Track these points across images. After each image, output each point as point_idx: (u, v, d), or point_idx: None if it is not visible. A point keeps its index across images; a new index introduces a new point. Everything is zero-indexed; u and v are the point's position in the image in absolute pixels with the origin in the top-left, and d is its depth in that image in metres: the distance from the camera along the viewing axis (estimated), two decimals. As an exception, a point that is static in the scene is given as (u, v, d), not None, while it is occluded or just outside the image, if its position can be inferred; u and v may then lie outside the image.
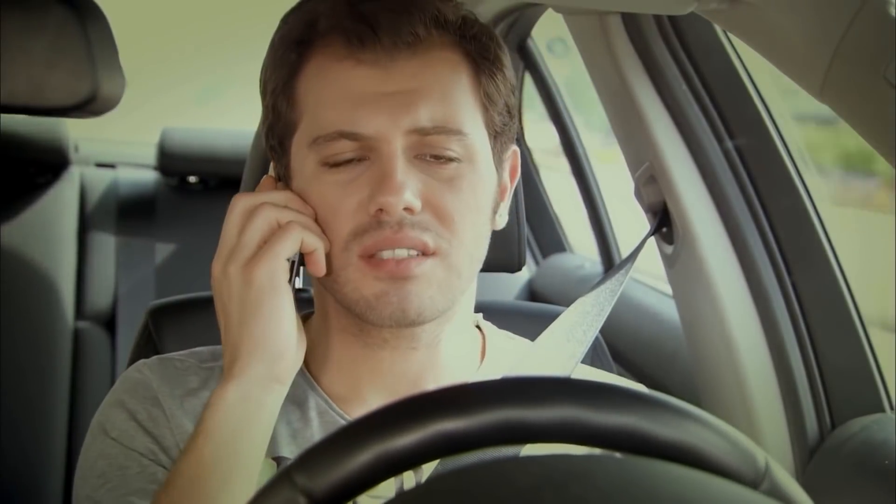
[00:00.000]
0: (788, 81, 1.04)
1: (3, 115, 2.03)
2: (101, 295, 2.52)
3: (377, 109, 0.88)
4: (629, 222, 2.12)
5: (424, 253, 0.89)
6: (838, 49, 0.94)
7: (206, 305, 1.22)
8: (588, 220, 2.39)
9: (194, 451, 0.86)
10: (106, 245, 2.59)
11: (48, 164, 2.57)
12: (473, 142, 0.91)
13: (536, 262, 2.73)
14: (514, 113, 0.97)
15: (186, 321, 1.20)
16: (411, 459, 0.58)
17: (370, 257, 0.89)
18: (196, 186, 2.73)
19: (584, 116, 2.42)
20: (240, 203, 0.92)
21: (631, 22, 1.46)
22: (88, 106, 1.29)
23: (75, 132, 2.67)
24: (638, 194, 1.52)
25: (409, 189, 0.87)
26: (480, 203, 0.93)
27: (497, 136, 0.95)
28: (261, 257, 0.89)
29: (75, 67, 1.27)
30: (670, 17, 1.46)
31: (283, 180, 0.95)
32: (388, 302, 0.89)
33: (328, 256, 0.91)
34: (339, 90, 0.89)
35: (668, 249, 1.51)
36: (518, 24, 2.23)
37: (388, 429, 0.58)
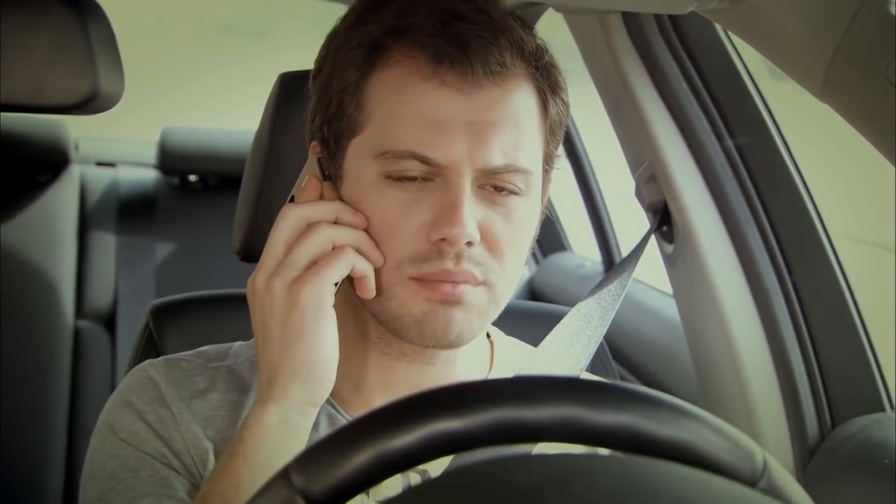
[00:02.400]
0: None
1: (3, 114, 2.02)
2: (101, 294, 2.52)
3: (454, 139, 0.86)
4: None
5: (473, 283, 0.89)
6: (839, 48, 0.94)
7: (207, 305, 1.22)
8: (588, 218, 2.40)
9: (232, 472, 0.85)
10: (106, 244, 2.58)
11: (48, 162, 2.57)
12: (533, 180, 0.91)
13: (536, 261, 2.73)
14: (560, 144, 0.97)
15: (187, 320, 1.20)
16: (408, 459, 0.58)
17: (423, 280, 0.88)
18: (196, 186, 2.72)
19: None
20: (291, 216, 0.90)
21: (631, 21, 1.46)
22: (89, 104, 1.29)
23: (76, 131, 2.67)
24: (638, 193, 1.52)
25: (472, 222, 0.86)
26: (527, 236, 0.93)
27: (547, 171, 0.95)
28: (308, 279, 0.87)
29: (76, 65, 1.27)
30: (671, 17, 1.46)
31: (332, 178, 0.93)
32: (434, 320, 0.88)
33: (377, 271, 0.90)
34: (419, 109, 0.87)
35: (669, 248, 1.51)
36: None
37: (384, 429, 0.58)
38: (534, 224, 0.94)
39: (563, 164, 1.04)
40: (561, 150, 0.98)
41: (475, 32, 0.87)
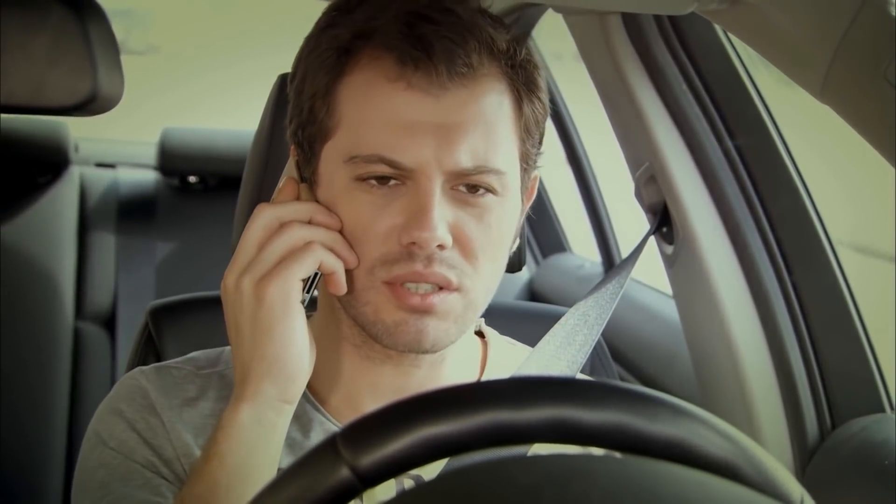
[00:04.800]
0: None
1: (3, 115, 2.02)
2: (101, 295, 2.52)
3: (422, 142, 0.86)
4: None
5: (447, 288, 0.88)
6: (839, 49, 0.94)
7: (206, 305, 1.22)
8: (588, 219, 2.40)
9: (208, 475, 0.85)
10: (106, 245, 2.59)
11: (48, 163, 2.57)
12: (509, 179, 0.90)
13: (536, 262, 2.73)
14: (542, 141, 0.96)
15: (187, 321, 1.20)
16: (459, 446, 0.58)
17: (394, 284, 0.88)
18: (196, 186, 2.72)
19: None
20: (264, 215, 0.90)
21: (631, 22, 1.46)
22: (89, 105, 1.29)
23: (76, 132, 2.67)
24: (638, 194, 1.52)
25: (443, 225, 0.86)
26: (504, 237, 0.92)
27: (527, 169, 0.94)
28: (275, 275, 0.87)
29: (75, 67, 1.27)
30: (670, 17, 1.46)
31: (308, 182, 0.93)
32: (406, 331, 0.88)
33: (351, 273, 0.90)
34: (386, 112, 0.87)
35: (668, 249, 1.51)
36: (518, 25, 2.23)
37: (440, 413, 0.58)
38: (512, 225, 0.93)
39: (562, 165, 1.04)
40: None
41: (441, 34, 0.86)
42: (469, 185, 0.88)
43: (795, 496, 0.60)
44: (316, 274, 0.90)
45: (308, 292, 0.90)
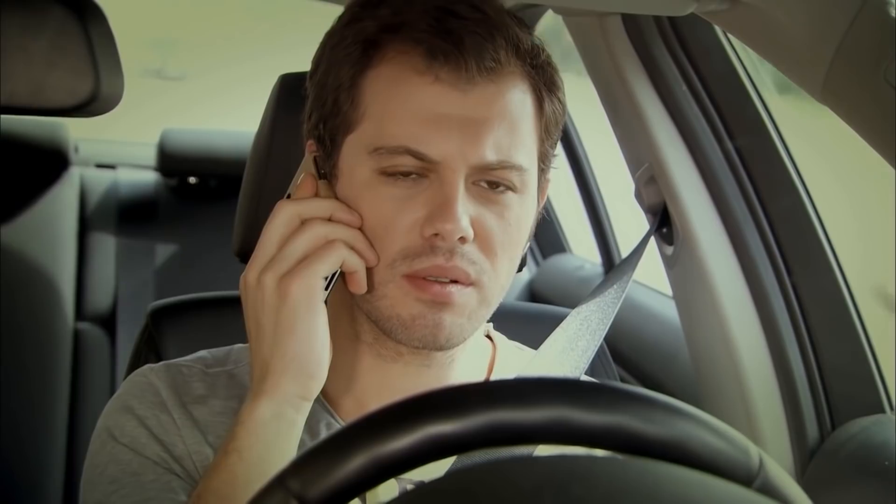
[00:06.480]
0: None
1: (3, 116, 2.03)
2: (101, 296, 2.52)
3: (448, 135, 0.86)
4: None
5: (464, 283, 0.88)
6: (838, 50, 0.94)
7: (207, 306, 1.22)
8: (588, 220, 2.40)
9: (226, 469, 0.85)
10: (106, 246, 2.58)
11: (48, 164, 2.57)
12: (529, 177, 0.91)
13: (536, 263, 2.73)
14: (558, 144, 0.96)
15: (188, 322, 1.20)
16: (404, 462, 0.58)
17: (415, 277, 0.88)
18: (196, 187, 2.72)
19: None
20: (285, 211, 0.90)
21: (631, 23, 1.46)
22: (89, 106, 1.30)
23: (75, 133, 2.67)
24: (638, 195, 1.52)
25: (466, 218, 0.86)
26: (521, 236, 0.92)
27: (543, 170, 0.95)
28: (298, 273, 0.87)
29: (75, 68, 1.28)
30: (670, 18, 1.46)
31: (327, 177, 0.93)
32: (423, 324, 0.88)
33: (370, 269, 0.90)
34: (413, 105, 0.87)
35: (668, 250, 1.51)
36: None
37: (379, 432, 0.58)
38: (529, 223, 0.93)
39: (561, 165, 1.04)
40: (559, 150, 0.98)
41: (470, 29, 0.87)
42: (490, 182, 0.89)
43: (753, 458, 0.60)
44: (335, 272, 0.90)
45: (328, 290, 0.90)
